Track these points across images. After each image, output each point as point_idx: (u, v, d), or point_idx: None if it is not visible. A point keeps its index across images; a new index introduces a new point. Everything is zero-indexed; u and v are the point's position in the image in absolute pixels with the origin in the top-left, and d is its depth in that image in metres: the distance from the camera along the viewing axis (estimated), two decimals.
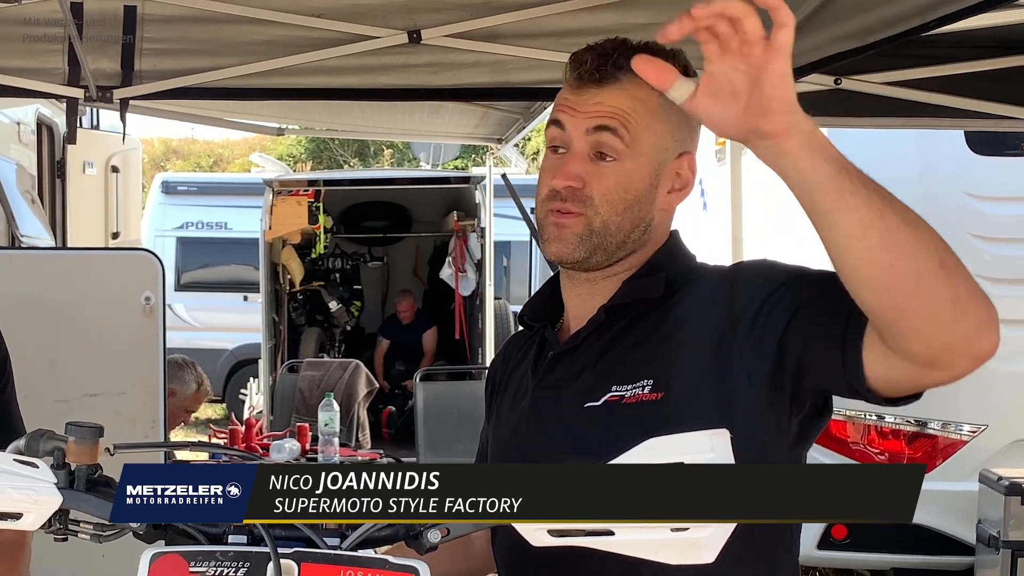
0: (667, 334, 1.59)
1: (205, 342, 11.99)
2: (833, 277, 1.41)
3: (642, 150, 1.61)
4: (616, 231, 1.62)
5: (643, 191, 1.62)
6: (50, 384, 3.70)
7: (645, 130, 1.60)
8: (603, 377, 1.60)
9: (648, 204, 1.63)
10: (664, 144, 1.62)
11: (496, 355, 1.92)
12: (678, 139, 1.64)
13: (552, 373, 1.68)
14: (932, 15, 2.75)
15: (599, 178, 1.60)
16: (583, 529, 1.15)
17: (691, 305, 1.60)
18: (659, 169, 1.62)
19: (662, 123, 1.61)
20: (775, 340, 1.49)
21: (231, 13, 3.82)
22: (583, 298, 1.69)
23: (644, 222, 1.63)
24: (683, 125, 1.63)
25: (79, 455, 1.34)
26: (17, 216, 6.96)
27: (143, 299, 4.05)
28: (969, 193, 5.35)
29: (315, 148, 24.66)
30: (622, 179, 1.60)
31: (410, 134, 7.64)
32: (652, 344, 1.59)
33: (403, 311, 10.21)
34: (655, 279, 1.64)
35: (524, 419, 1.69)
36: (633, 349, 1.61)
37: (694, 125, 1.65)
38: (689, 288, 1.63)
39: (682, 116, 1.60)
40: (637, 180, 1.61)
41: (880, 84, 4.16)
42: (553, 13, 3.82)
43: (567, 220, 1.61)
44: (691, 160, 1.66)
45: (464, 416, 7.13)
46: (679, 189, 1.66)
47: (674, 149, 1.64)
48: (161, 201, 13.35)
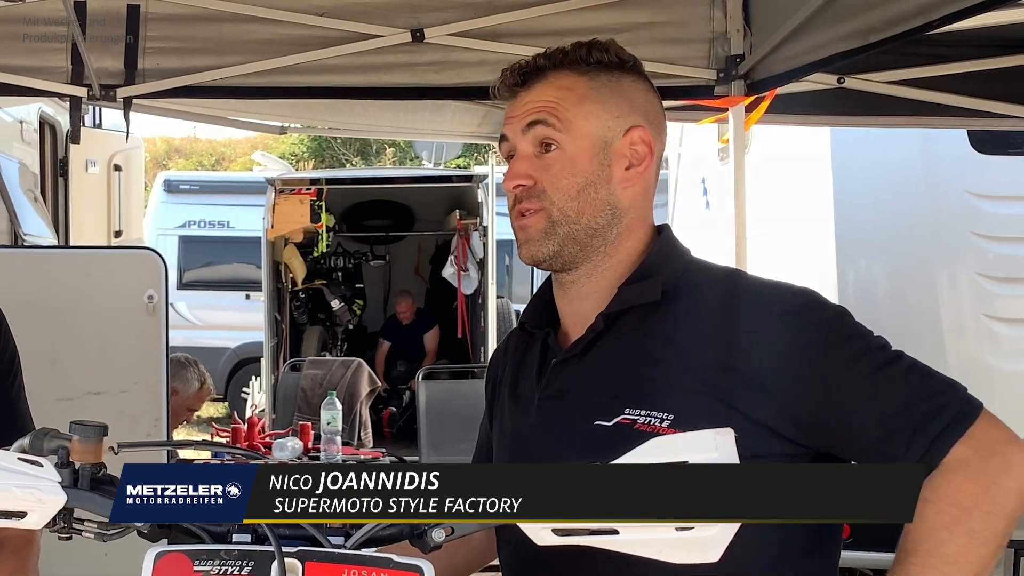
0: (675, 351, 1.56)
1: (207, 341, 11.99)
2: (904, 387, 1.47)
3: (580, 133, 1.62)
4: (577, 216, 1.61)
5: (592, 172, 1.62)
6: (53, 382, 3.70)
7: (577, 114, 1.62)
8: (614, 397, 1.57)
9: (603, 184, 1.62)
10: (603, 123, 1.63)
11: (496, 349, 1.91)
12: (618, 115, 1.63)
13: (555, 382, 1.66)
14: (935, 14, 2.75)
15: (545, 170, 1.62)
16: (587, 528, 1.15)
17: (699, 318, 1.57)
18: (605, 148, 1.62)
19: (595, 103, 1.63)
20: (822, 436, 1.51)
21: (234, 12, 3.83)
22: (576, 303, 1.68)
23: (609, 205, 1.63)
24: (621, 103, 1.64)
25: (83, 454, 1.33)
26: (20, 215, 6.96)
27: (146, 297, 4.06)
28: (972, 192, 5.35)
29: (317, 147, 24.67)
30: (566, 164, 1.61)
31: (412, 132, 7.63)
32: (661, 363, 1.56)
33: (402, 312, 10.20)
34: (651, 283, 1.61)
35: (531, 429, 1.68)
36: (639, 366, 1.58)
37: (639, 103, 1.66)
38: (691, 293, 1.61)
39: (619, 95, 1.64)
40: (582, 162, 1.61)
41: (883, 83, 4.16)
42: (555, 12, 3.83)
43: (529, 220, 1.63)
44: (643, 132, 1.64)
45: (466, 415, 7.12)
46: (636, 164, 1.64)
47: (617, 126, 1.63)
48: (163, 200, 13.36)
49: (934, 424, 1.45)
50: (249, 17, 3.85)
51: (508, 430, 1.75)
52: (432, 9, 3.88)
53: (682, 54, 3.86)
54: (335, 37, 3.89)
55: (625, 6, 3.85)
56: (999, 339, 5.29)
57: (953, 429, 1.45)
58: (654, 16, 3.85)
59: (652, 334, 1.59)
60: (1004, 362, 5.24)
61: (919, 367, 1.51)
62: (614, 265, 1.65)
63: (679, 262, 1.66)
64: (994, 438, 1.46)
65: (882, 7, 2.99)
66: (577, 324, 1.67)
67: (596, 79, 1.64)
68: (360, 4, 3.86)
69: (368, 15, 3.88)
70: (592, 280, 1.66)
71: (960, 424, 1.46)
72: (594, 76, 1.64)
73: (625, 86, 1.66)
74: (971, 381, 1.51)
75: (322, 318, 10.31)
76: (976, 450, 1.45)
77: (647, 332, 1.59)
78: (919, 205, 5.39)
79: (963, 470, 1.44)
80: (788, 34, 3.50)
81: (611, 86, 1.65)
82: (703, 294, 1.60)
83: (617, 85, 1.65)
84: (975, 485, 1.44)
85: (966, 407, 1.47)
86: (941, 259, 5.36)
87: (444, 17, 3.88)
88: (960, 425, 1.46)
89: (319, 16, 3.85)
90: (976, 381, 1.53)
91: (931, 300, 5.34)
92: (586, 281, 1.66)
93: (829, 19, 3.27)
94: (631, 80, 1.67)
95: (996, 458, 1.45)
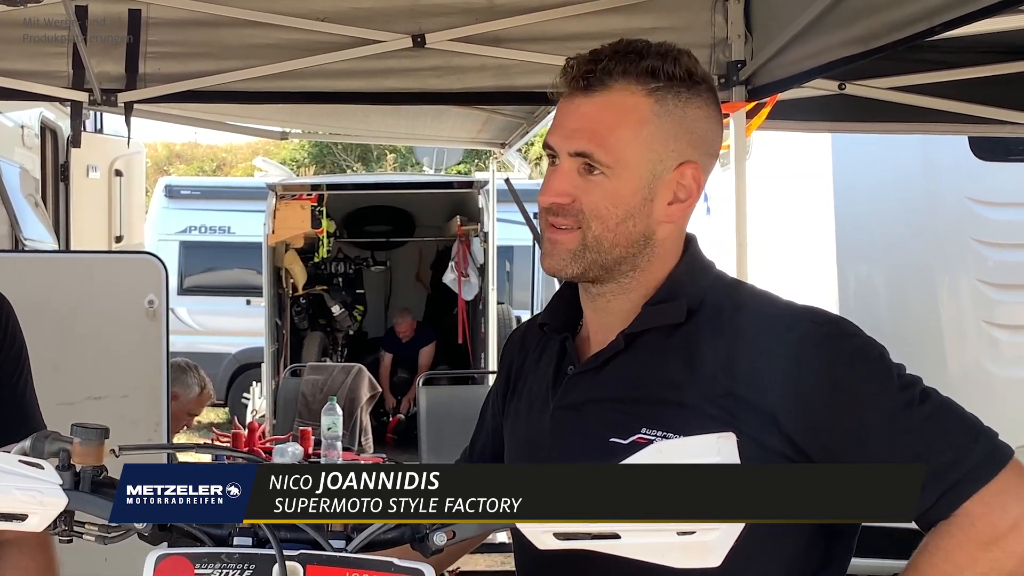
0: (693, 375, 1.53)
1: (208, 346, 11.98)
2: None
3: (630, 163, 1.54)
4: (611, 247, 1.56)
5: (635, 205, 1.55)
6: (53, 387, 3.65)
7: (631, 142, 1.54)
8: (631, 416, 1.55)
9: (644, 218, 1.56)
10: (656, 155, 1.55)
11: (512, 338, 1.86)
12: (674, 149, 1.56)
13: (571, 394, 1.64)
14: (938, 20, 2.74)
15: (587, 192, 1.55)
16: (588, 532, 1.15)
17: (719, 342, 1.53)
18: (653, 181, 1.55)
19: (653, 134, 1.55)
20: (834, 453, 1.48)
21: (235, 17, 3.84)
22: (599, 313, 1.65)
23: (644, 237, 1.57)
24: (680, 134, 1.56)
25: (84, 456, 1.33)
26: (21, 219, 6.96)
27: (146, 302, 4.05)
28: (972, 198, 5.35)
29: (318, 152, 24.68)
30: (610, 194, 1.54)
31: (414, 138, 7.65)
32: (678, 386, 1.53)
33: (403, 331, 10.18)
34: (676, 305, 1.57)
35: (544, 438, 1.66)
36: (657, 387, 1.55)
37: (698, 134, 1.58)
38: (713, 316, 1.56)
39: (680, 124, 1.56)
40: (627, 194, 1.55)
41: (884, 89, 4.16)
42: (557, 17, 3.84)
43: (561, 236, 1.57)
44: (695, 170, 1.57)
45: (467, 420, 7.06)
46: (681, 200, 1.58)
47: (670, 159, 1.56)
48: (164, 205, 13.36)
49: (945, 479, 1.41)
50: (250, 22, 3.86)
51: (522, 434, 1.74)
52: (433, 14, 3.88)
53: None
54: (336, 42, 3.89)
55: (627, 12, 3.85)
56: (999, 345, 5.28)
57: (966, 485, 1.41)
58: (656, 21, 3.86)
59: (672, 355, 1.56)
60: (1004, 369, 5.23)
61: (945, 412, 1.46)
62: (639, 287, 1.61)
63: (704, 280, 1.62)
64: (1011, 496, 1.42)
65: (884, 12, 2.99)
66: (599, 333, 1.65)
67: (662, 102, 1.55)
68: (361, 9, 3.87)
69: (369, 20, 3.88)
70: (618, 298, 1.62)
71: (976, 480, 1.42)
72: (661, 98, 1.55)
73: (689, 114, 1.57)
74: (970, 387, 1.50)
75: (323, 324, 10.31)
76: (989, 508, 1.41)
77: (667, 352, 1.56)
78: (919, 211, 5.39)
79: (968, 528, 1.41)
80: (789, 40, 3.50)
81: (675, 114, 1.56)
82: (726, 317, 1.56)
83: (682, 112, 1.56)
84: (975, 546, 1.41)
85: (986, 460, 1.43)
86: (941, 265, 5.36)
87: (445, 22, 3.89)
88: (975, 481, 1.41)
89: (320, 21, 3.86)
90: (975, 387, 1.53)
91: (931, 306, 5.33)
92: (612, 298, 1.62)
93: (830, 25, 3.27)
94: (697, 106, 1.58)
95: (1008, 519, 1.41)
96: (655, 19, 3.86)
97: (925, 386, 1.48)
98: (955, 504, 1.41)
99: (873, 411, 1.46)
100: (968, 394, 1.49)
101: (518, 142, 6.51)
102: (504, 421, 1.82)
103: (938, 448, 1.43)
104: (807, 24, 3.36)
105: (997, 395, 5.01)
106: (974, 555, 1.41)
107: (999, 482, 1.42)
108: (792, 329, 1.52)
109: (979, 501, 1.41)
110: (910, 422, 1.45)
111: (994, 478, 1.42)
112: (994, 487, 1.41)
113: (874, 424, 1.46)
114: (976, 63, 4.13)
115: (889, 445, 1.44)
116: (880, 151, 5.34)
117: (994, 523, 1.41)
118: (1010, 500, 1.41)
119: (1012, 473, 1.43)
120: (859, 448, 1.45)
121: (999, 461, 1.43)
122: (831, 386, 1.47)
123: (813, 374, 1.48)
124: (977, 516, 1.41)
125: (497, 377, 1.88)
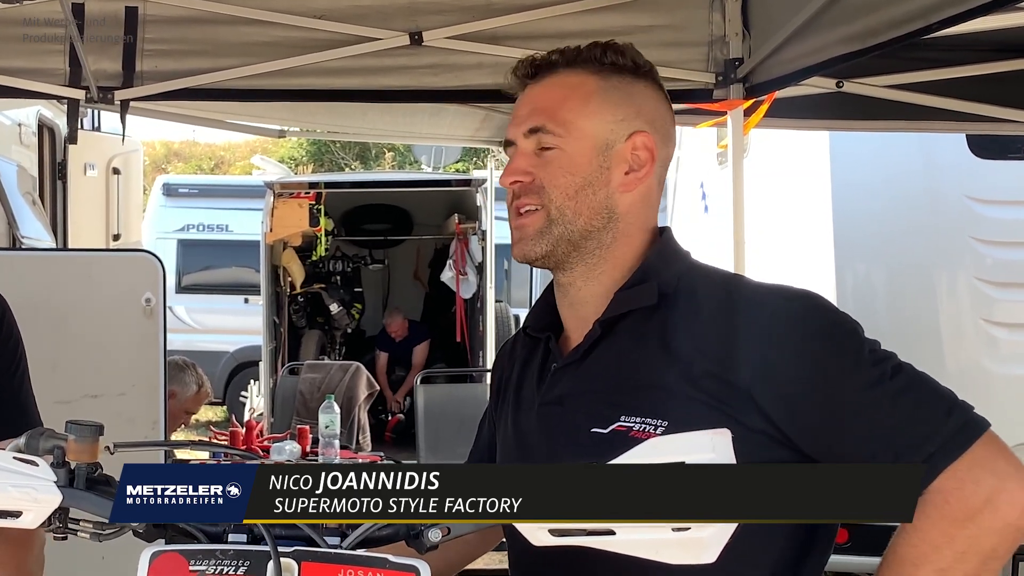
0: (671, 357, 1.54)
1: (206, 344, 11.98)
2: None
3: (581, 134, 1.60)
4: (574, 216, 1.60)
5: (592, 172, 1.60)
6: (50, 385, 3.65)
7: (579, 114, 1.61)
8: (611, 405, 1.56)
9: (603, 186, 1.61)
10: (606, 125, 1.61)
11: (503, 347, 1.90)
12: (623, 118, 1.62)
13: (555, 388, 1.65)
14: (935, 17, 2.74)
15: (544, 168, 1.61)
16: (584, 528, 1.15)
17: (695, 323, 1.54)
18: (606, 150, 1.61)
19: (600, 104, 1.61)
20: (815, 451, 1.48)
21: (232, 14, 3.83)
22: (574, 307, 1.67)
23: (606, 208, 1.61)
24: (627, 105, 1.62)
25: (79, 453, 1.33)
26: (18, 217, 6.96)
27: (144, 300, 4.05)
28: (970, 196, 5.35)
29: (316, 151, 24.68)
30: (565, 164, 1.60)
31: (412, 136, 7.64)
32: (656, 370, 1.54)
33: (394, 331, 10.19)
34: (647, 288, 1.59)
35: (531, 435, 1.67)
36: (636, 373, 1.56)
37: (647, 110, 1.64)
38: (688, 298, 1.58)
39: (627, 97, 1.63)
40: (581, 162, 1.60)
41: (882, 87, 4.16)
42: (555, 15, 3.84)
43: (526, 220, 1.62)
44: (647, 139, 1.62)
45: (465, 418, 7.11)
46: (636, 169, 1.62)
47: (621, 130, 1.62)
48: (162, 203, 13.37)
49: (917, 452, 1.39)
50: (247, 20, 3.85)
51: (510, 434, 1.75)
52: (430, 12, 3.88)
53: (681, 57, 3.87)
54: (333, 40, 3.89)
55: (624, 9, 3.85)
56: (998, 343, 5.28)
57: (939, 458, 1.39)
58: (653, 19, 3.86)
59: (649, 339, 1.57)
60: (1002, 366, 5.24)
61: (917, 386, 1.45)
62: (609, 269, 1.64)
63: (677, 266, 1.64)
64: (986, 470, 1.39)
65: (881, 10, 2.99)
66: (577, 329, 1.67)
67: (607, 79, 1.63)
68: (358, 7, 3.86)
69: (366, 18, 3.88)
70: (589, 284, 1.64)
71: (948, 454, 1.39)
72: (606, 77, 1.63)
73: (636, 91, 1.64)
74: (969, 385, 1.49)
75: (320, 322, 10.31)
76: (961, 483, 1.39)
77: (644, 337, 1.58)
78: (917, 209, 5.38)
79: (942, 505, 1.39)
80: (787, 37, 3.50)
81: (621, 88, 1.63)
82: (700, 299, 1.57)
83: (627, 88, 1.64)
84: (950, 523, 1.39)
85: (960, 434, 1.40)
86: (940, 263, 5.36)
87: (442, 20, 3.88)
88: (948, 455, 1.39)
89: (317, 19, 3.85)
90: (974, 385, 1.52)
91: (930, 304, 5.33)
92: (583, 284, 1.65)
93: (828, 22, 3.28)
94: (643, 86, 1.65)
95: (981, 493, 1.38)
96: (652, 16, 3.86)
97: (899, 361, 1.47)
98: (928, 479, 1.39)
99: (844, 385, 1.46)
100: (966, 392, 1.47)
101: None
102: (496, 428, 1.84)
103: (910, 422, 1.42)
104: (804, 22, 3.36)
105: (995, 393, 5.02)
106: (949, 532, 1.38)
107: (972, 455, 1.39)
108: (763, 306, 1.53)
109: (951, 476, 1.39)
110: (882, 396, 1.44)
111: (966, 451, 1.39)
112: (967, 461, 1.39)
113: (846, 398, 1.45)
114: (974, 61, 4.13)
115: (861, 419, 1.44)
116: (878, 149, 5.34)
117: (967, 498, 1.38)
118: (984, 473, 1.39)
119: (986, 446, 1.40)
120: (832, 423, 1.45)
121: (972, 435, 1.41)
122: (803, 361, 1.47)
123: (785, 350, 1.48)
124: (950, 491, 1.39)
125: (490, 389, 1.90)
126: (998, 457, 1.40)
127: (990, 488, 1.38)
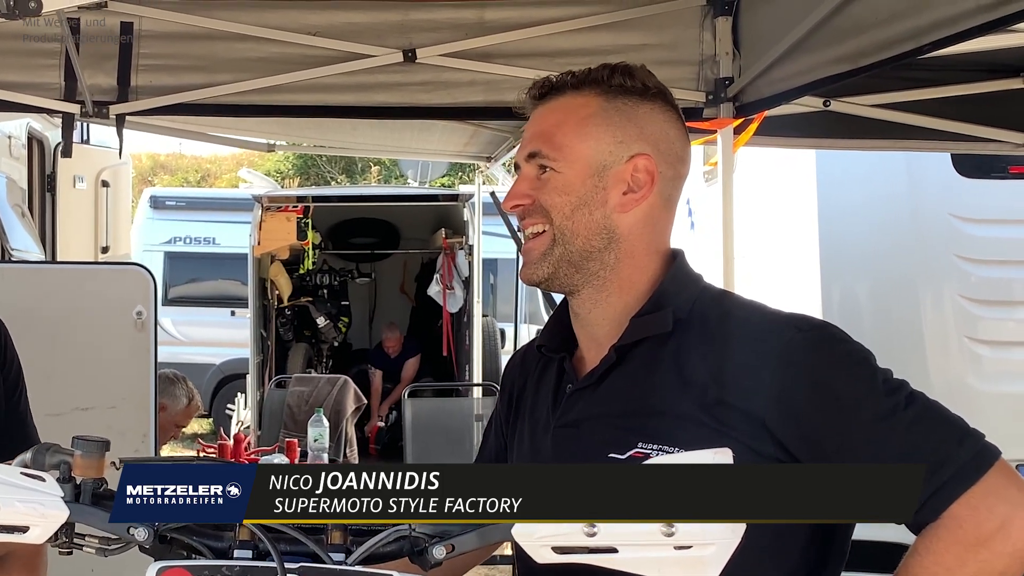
0: (684, 385, 1.55)
1: (192, 357, 11.92)
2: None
3: (575, 156, 1.62)
4: (572, 236, 1.62)
5: (587, 193, 1.62)
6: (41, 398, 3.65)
7: (576, 135, 1.62)
8: (627, 430, 1.57)
9: (598, 206, 1.62)
10: (604, 146, 1.62)
11: (511, 360, 1.90)
12: (623, 140, 1.63)
13: (570, 412, 1.66)
14: (926, 39, 2.76)
15: (542, 190, 1.64)
16: (586, 546, 1.15)
17: (708, 351, 1.55)
18: (603, 171, 1.62)
19: (599, 126, 1.63)
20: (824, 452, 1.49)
21: (227, 30, 3.85)
22: (586, 328, 1.69)
23: (605, 229, 1.62)
24: (629, 127, 1.63)
25: (85, 469, 1.34)
26: (7, 229, 6.95)
27: (135, 313, 4.06)
28: (955, 215, 5.38)
29: (303, 164, 24.66)
30: (561, 186, 1.62)
31: (400, 151, 7.66)
32: (670, 397, 1.55)
33: (391, 347, 10.17)
34: (663, 315, 1.60)
35: (546, 458, 1.67)
36: (651, 399, 1.57)
37: (652, 131, 1.64)
38: (702, 325, 1.59)
39: (630, 119, 1.64)
40: (576, 183, 1.62)
41: (868, 106, 4.20)
42: (547, 34, 3.86)
43: (533, 243, 1.65)
44: (648, 161, 1.63)
45: (452, 432, 7.14)
46: (635, 190, 1.63)
47: (621, 151, 1.63)
48: (149, 216, 13.32)
49: (932, 482, 1.42)
50: (242, 36, 3.87)
51: (526, 454, 1.75)
52: (424, 30, 3.90)
53: (672, 76, 3.89)
54: (328, 56, 3.91)
55: (616, 28, 3.88)
56: (982, 361, 5.31)
57: (952, 487, 1.42)
58: (644, 38, 3.89)
59: (663, 366, 1.58)
60: (987, 384, 5.26)
61: (931, 415, 1.48)
62: (618, 291, 1.65)
63: (691, 290, 1.65)
64: (999, 498, 1.42)
65: (872, 32, 3.01)
66: (591, 350, 1.68)
67: (611, 101, 1.64)
68: (352, 24, 3.88)
69: (360, 35, 3.90)
70: (599, 307, 1.66)
71: (961, 482, 1.42)
72: (611, 99, 1.64)
73: (640, 113, 1.65)
74: (954, 403, 1.49)
75: (308, 335, 10.29)
76: (975, 510, 1.42)
77: (659, 364, 1.59)
78: (903, 227, 5.41)
79: (956, 530, 1.42)
80: (777, 57, 3.53)
81: (624, 111, 1.64)
82: (713, 327, 1.58)
83: (631, 111, 1.64)
84: (963, 547, 1.42)
85: (972, 463, 1.43)
86: (925, 281, 5.38)
87: (436, 38, 3.91)
88: (961, 483, 1.42)
89: (312, 36, 3.87)
90: (959, 403, 1.53)
91: (915, 322, 5.36)
92: (592, 308, 1.66)
93: (818, 43, 3.30)
94: (650, 108, 1.66)
95: (995, 520, 1.41)
96: (643, 36, 3.89)
97: (912, 389, 1.50)
98: (942, 507, 1.42)
99: (859, 415, 1.48)
100: (955, 410, 1.50)
101: (504, 156, 6.52)
102: (509, 443, 1.84)
103: (924, 451, 1.44)
104: (795, 42, 3.39)
105: (980, 410, 5.03)
106: (962, 556, 1.42)
107: (985, 483, 1.43)
108: (778, 335, 1.54)
109: (965, 503, 1.42)
110: (896, 425, 1.46)
111: (980, 479, 1.43)
112: (980, 488, 1.42)
113: (860, 428, 1.47)
114: (959, 81, 4.17)
115: (876, 448, 1.46)
116: (864, 168, 5.37)
117: (981, 524, 1.41)
118: (997, 501, 1.42)
119: (998, 474, 1.44)
120: (847, 452, 1.47)
121: (985, 463, 1.44)
122: (817, 391, 1.49)
123: (799, 379, 1.50)
124: (964, 518, 1.42)
125: (499, 400, 1.91)
126: (1010, 485, 1.44)
127: (1003, 515, 1.42)
